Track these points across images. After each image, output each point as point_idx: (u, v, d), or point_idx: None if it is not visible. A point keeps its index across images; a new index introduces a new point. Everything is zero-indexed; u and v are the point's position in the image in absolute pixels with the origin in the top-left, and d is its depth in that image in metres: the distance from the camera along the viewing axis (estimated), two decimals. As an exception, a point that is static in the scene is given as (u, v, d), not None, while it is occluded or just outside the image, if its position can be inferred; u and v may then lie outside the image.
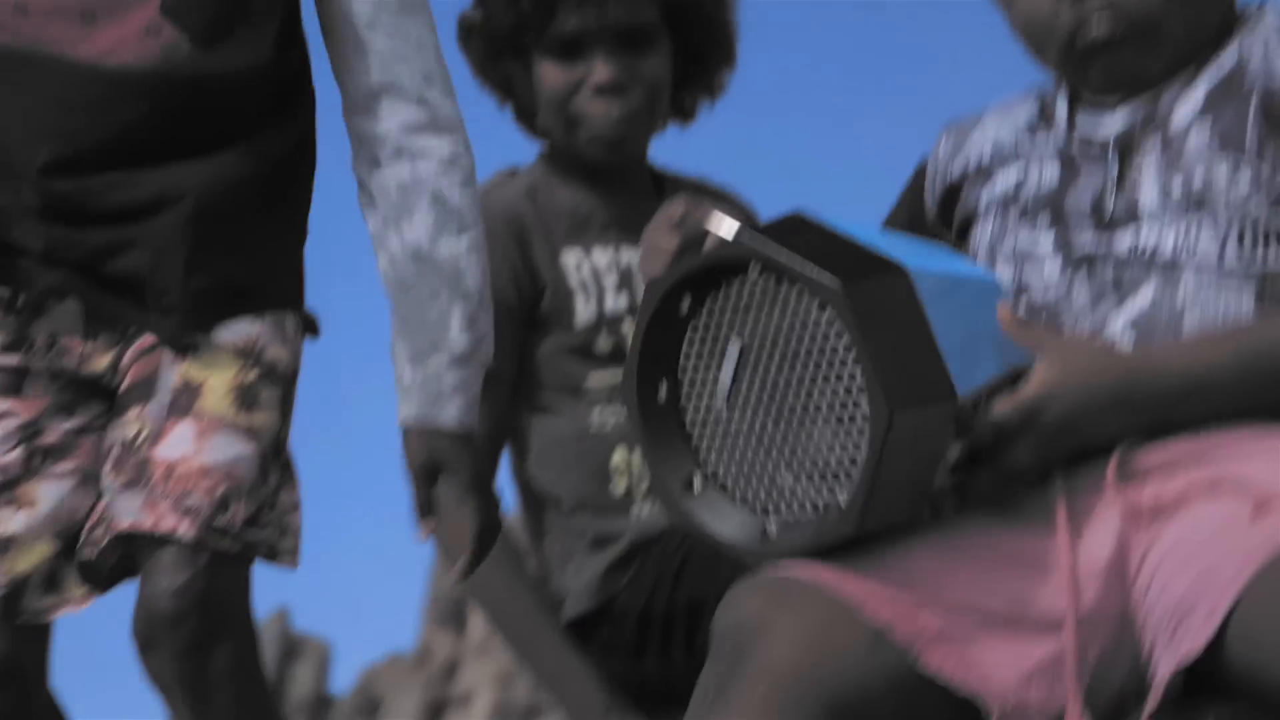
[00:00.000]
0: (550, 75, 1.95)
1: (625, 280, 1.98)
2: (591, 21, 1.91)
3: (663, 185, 2.07)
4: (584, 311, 1.95)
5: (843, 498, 1.24)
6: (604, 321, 1.94)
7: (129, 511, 1.57)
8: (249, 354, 1.63)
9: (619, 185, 2.02)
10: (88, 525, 1.65)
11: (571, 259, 1.97)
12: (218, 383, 1.61)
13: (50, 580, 1.66)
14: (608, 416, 1.92)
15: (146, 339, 1.64)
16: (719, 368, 1.30)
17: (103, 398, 1.70)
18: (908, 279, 1.26)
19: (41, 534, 1.66)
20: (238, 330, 1.64)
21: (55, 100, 1.65)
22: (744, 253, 1.27)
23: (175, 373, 1.61)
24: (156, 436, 1.59)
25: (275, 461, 1.61)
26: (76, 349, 1.68)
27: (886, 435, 1.20)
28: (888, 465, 1.22)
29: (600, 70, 1.92)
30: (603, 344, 1.95)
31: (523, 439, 1.96)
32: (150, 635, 1.56)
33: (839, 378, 1.24)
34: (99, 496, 1.66)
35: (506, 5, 1.94)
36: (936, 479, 1.30)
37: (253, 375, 1.63)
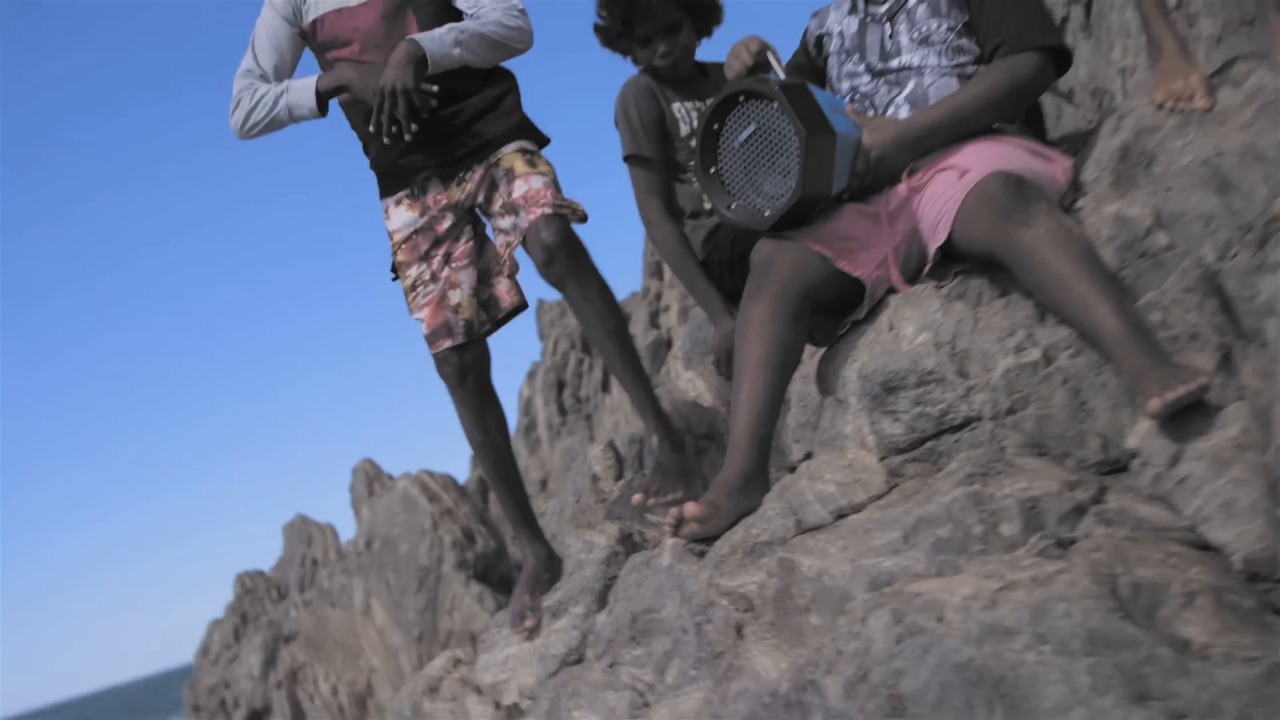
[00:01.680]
0: (639, 51, 3.73)
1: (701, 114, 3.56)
2: (650, 29, 3.66)
3: (705, 69, 3.84)
4: (684, 129, 3.69)
5: (794, 184, 2.64)
6: (693, 132, 3.62)
7: (524, 221, 3.30)
8: (524, 150, 3.33)
9: (686, 79, 3.77)
10: (494, 275, 3.42)
11: (676, 104, 3.72)
12: (516, 163, 3.31)
13: (485, 307, 3.35)
14: (692, 176, 3.53)
15: (478, 173, 3.38)
16: (741, 134, 2.75)
17: (464, 216, 3.42)
18: (820, 113, 2.69)
19: (469, 297, 3.37)
20: (514, 143, 3.36)
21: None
22: (771, 91, 2.70)
23: (500, 169, 3.32)
24: (510, 193, 3.30)
25: (556, 183, 3.35)
26: (442, 196, 3.42)
27: (807, 144, 2.63)
28: (809, 160, 2.64)
29: (660, 47, 3.67)
30: (694, 142, 3.57)
31: (671, 189, 3.74)
32: (550, 256, 3.22)
33: (789, 143, 2.67)
34: (484, 265, 3.41)
35: (611, 24, 3.74)
36: (836, 178, 2.70)
37: (528, 155, 3.33)
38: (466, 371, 3.40)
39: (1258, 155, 2.43)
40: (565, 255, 3.21)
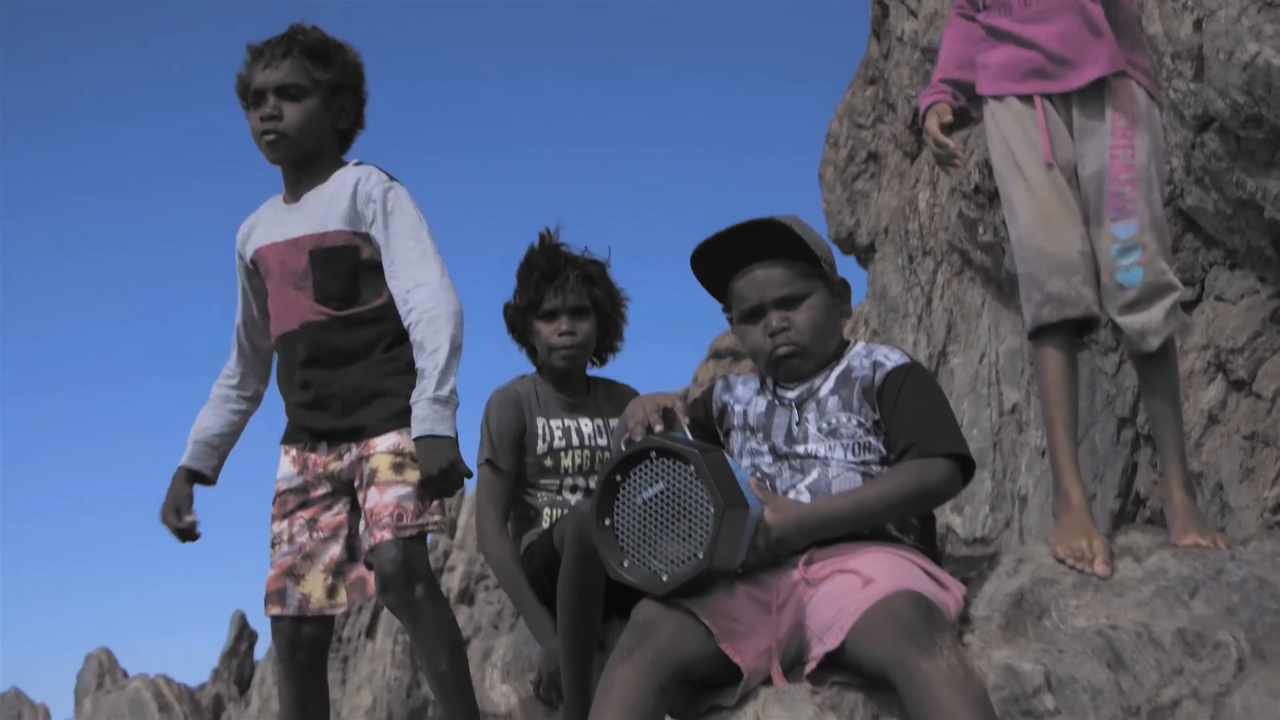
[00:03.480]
0: (542, 328, 3.66)
1: (565, 433, 3.60)
2: (559, 303, 3.63)
3: (590, 384, 3.75)
4: (541, 445, 3.58)
5: (700, 555, 2.43)
6: (550, 451, 3.58)
7: (367, 541, 2.99)
8: (397, 451, 3.05)
9: (570, 385, 3.69)
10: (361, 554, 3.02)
11: (541, 420, 3.60)
12: (381, 466, 3.03)
13: (330, 592, 3.01)
14: (542, 494, 3.57)
15: (356, 455, 3.08)
16: (646, 491, 2.52)
17: (342, 488, 3.13)
18: (736, 484, 2.49)
19: (320, 573, 3.05)
20: (389, 440, 3.07)
21: (298, 348, 3.18)
22: (689, 454, 2.50)
23: (368, 466, 3.04)
24: (365, 499, 3.03)
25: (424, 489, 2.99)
26: (324, 461, 3.13)
27: (722, 515, 2.43)
28: (723, 533, 2.43)
29: (563, 324, 3.62)
30: (548, 461, 3.57)
31: (517, 497, 3.60)
32: (384, 585, 2.91)
33: (700, 509, 2.46)
34: (351, 541, 3.07)
35: (522, 295, 3.70)
36: (741, 554, 2.49)
37: (398, 457, 3.06)
38: (297, 647, 3.06)
39: (1153, 638, 2.35)
40: (400, 586, 2.94)
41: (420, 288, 3.10)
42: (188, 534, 3.26)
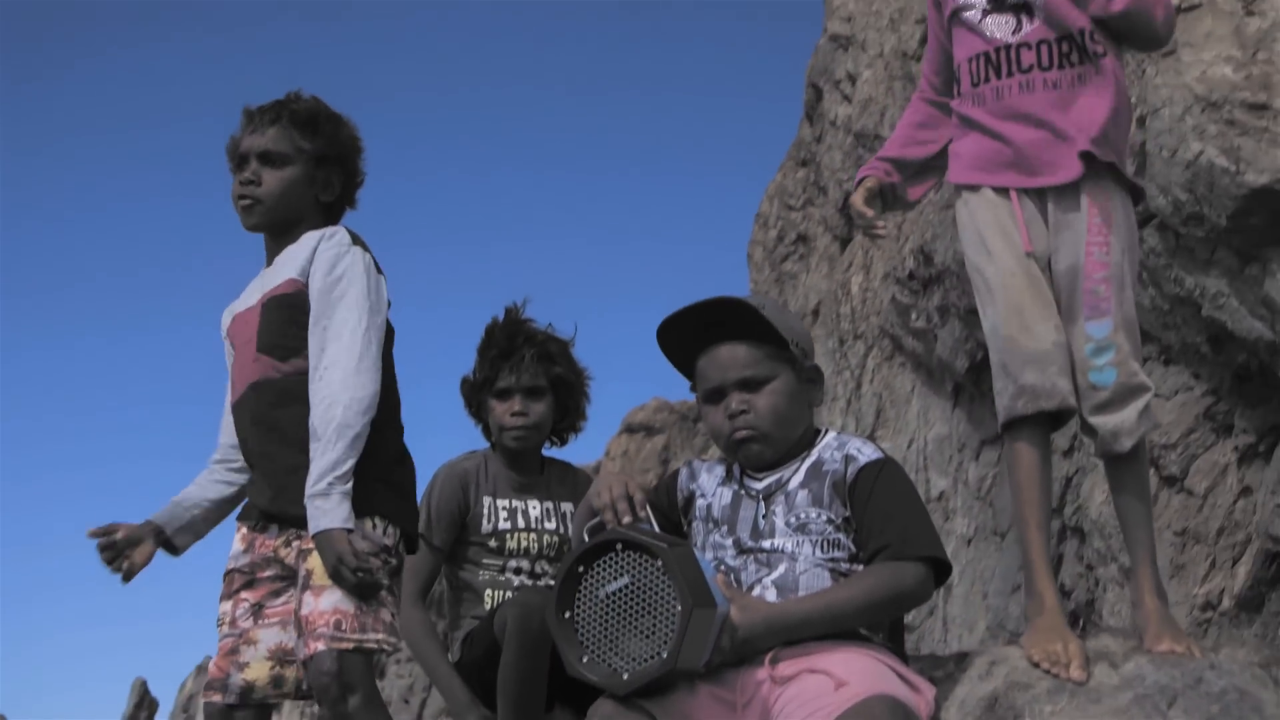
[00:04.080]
0: (495, 406, 3.60)
1: (511, 514, 3.55)
2: (512, 382, 3.56)
3: (545, 464, 3.68)
4: (486, 525, 3.52)
5: (664, 655, 2.31)
6: (495, 532, 3.51)
7: (301, 651, 2.77)
8: None
9: (523, 465, 3.62)
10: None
11: (487, 499, 3.54)
12: (316, 567, 2.77)
13: (275, 681, 2.85)
14: (484, 572, 3.50)
15: (297, 550, 2.86)
16: (610, 585, 2.39)
17: (291, 576, 2.89)
18: (704, 582, 2.37)
19: (264, 660, 2.87)
20: None
21: (246, 412, 3.01)
22: (658, 549, 2.37)
23: (304, 566, 2.80)
24: (301, 604, 2.79)
25: (366, 598, 2.78)
26: (273, 544, 2.92)
27: (690, 614, 2.31)
28: (690, 633, 2.30)
29: (515, 404, 3.55)
30: (493, 542, 3.51)
31: (452, 576, 3.57)
32: (320, 695, 2.71)
33: (666, 607, 2.34)
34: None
35: (479, 371, 3.65)
36: (707, 652, 2.36)
37: None
38: None
39: (1132, 752, 2.27)
40: (333, 699, 2.72)
41: (333, 367, 2.87)
42: (115, 555, 2.99)
